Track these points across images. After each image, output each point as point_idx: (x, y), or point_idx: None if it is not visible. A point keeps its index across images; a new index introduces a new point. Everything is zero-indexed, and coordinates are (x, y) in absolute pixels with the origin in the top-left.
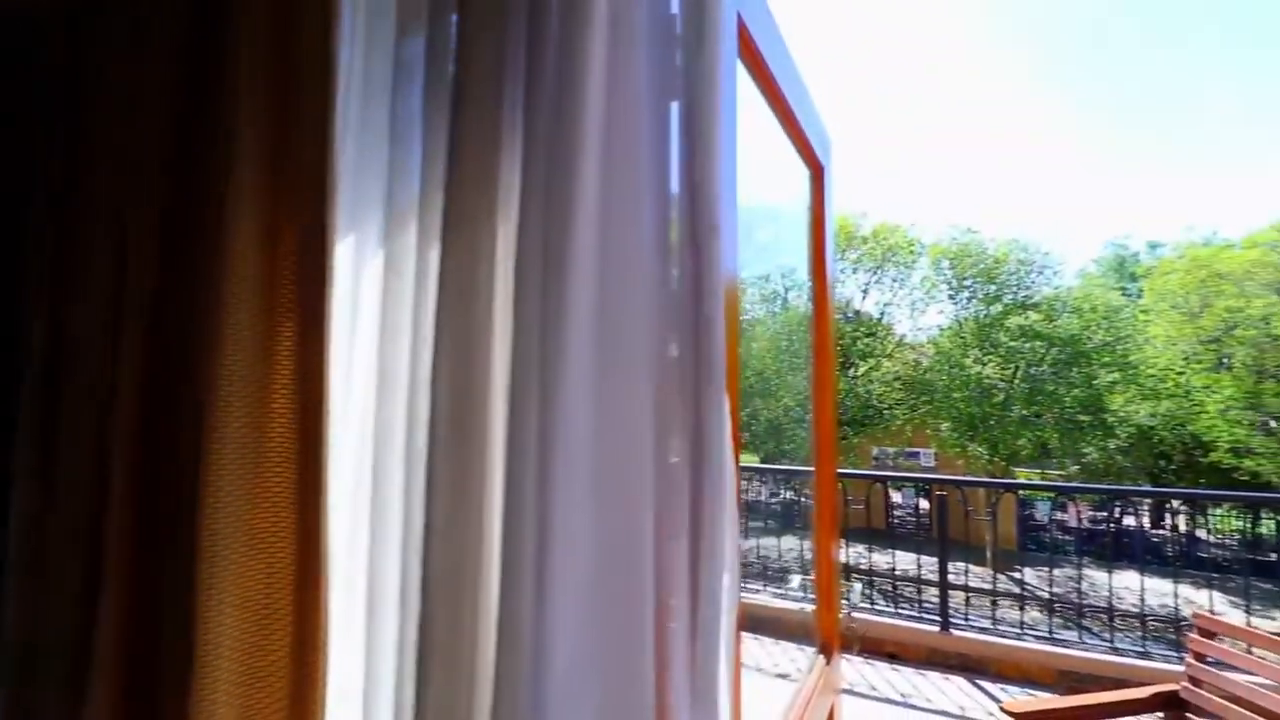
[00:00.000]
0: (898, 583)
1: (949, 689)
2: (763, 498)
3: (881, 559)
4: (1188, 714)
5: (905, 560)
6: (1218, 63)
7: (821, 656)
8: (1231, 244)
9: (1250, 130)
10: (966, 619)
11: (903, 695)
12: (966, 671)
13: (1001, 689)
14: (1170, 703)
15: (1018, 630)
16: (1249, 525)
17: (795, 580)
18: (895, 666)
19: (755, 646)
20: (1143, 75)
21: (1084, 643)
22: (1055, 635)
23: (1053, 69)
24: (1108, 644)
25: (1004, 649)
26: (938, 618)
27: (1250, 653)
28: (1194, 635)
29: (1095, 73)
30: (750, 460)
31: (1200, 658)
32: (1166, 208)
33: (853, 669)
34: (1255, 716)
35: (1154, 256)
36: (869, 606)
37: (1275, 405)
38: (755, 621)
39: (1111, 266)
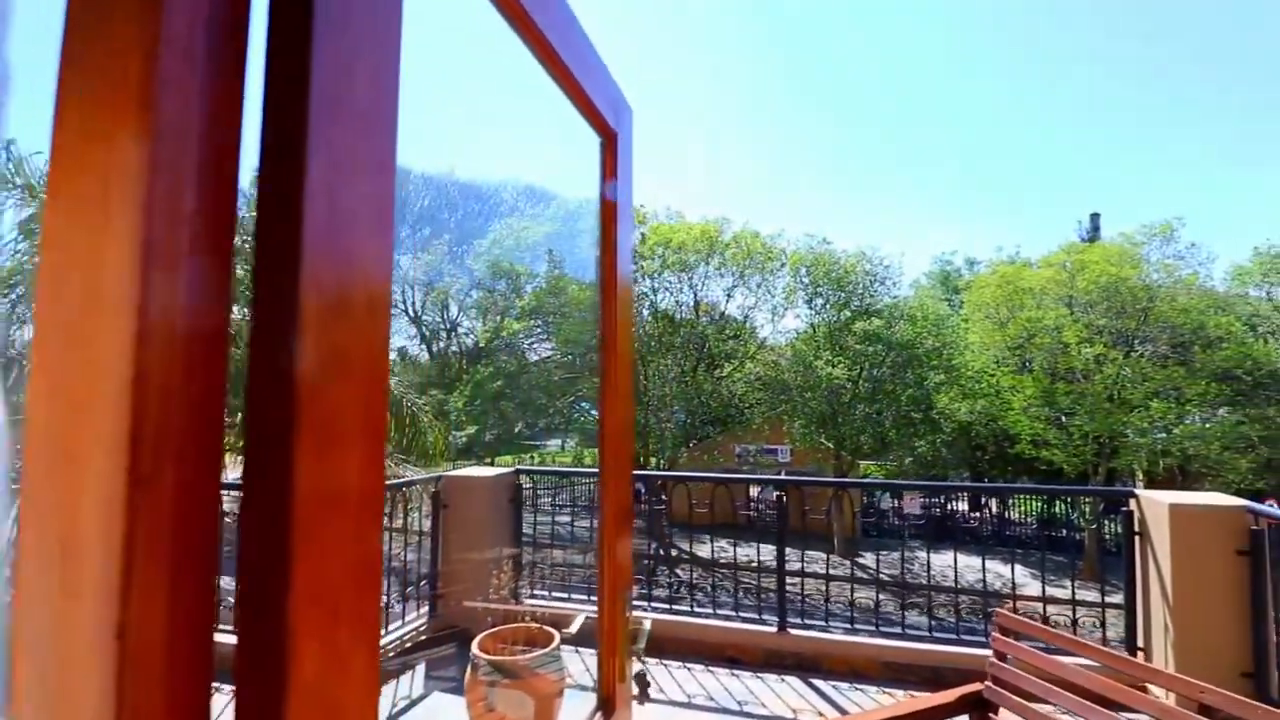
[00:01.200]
0: (742, 574)
1: (784, 690)
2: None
3: (741, 553)
4: (991, 714)
5: (762, 552)
6: (1024, 111)
7: (600, 713)
8: (1031, 263)
9: (1047, 163)
10: (804, 615)
11: (740, 703)
12: (801, 671)
13: (833, 686)
14: (976, 703)
15: (848, 625)
16: (1045, 508)
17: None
18: (734, 672)
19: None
20: (969, 114)
21: (906, 633)
22: (882, 628)
23: (901, 108)
24: (928, 634)
25: (835, 645)
26: (776, 617)
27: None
28: (995, 634)
29: (930, 110)
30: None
31: (1002, 656)
32: (983, 229)
33: (693, 678)
34: (1053, 715)
35: (972, 272)
36: (711, 611)
37: (1065, 403)
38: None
39: (939, 280)
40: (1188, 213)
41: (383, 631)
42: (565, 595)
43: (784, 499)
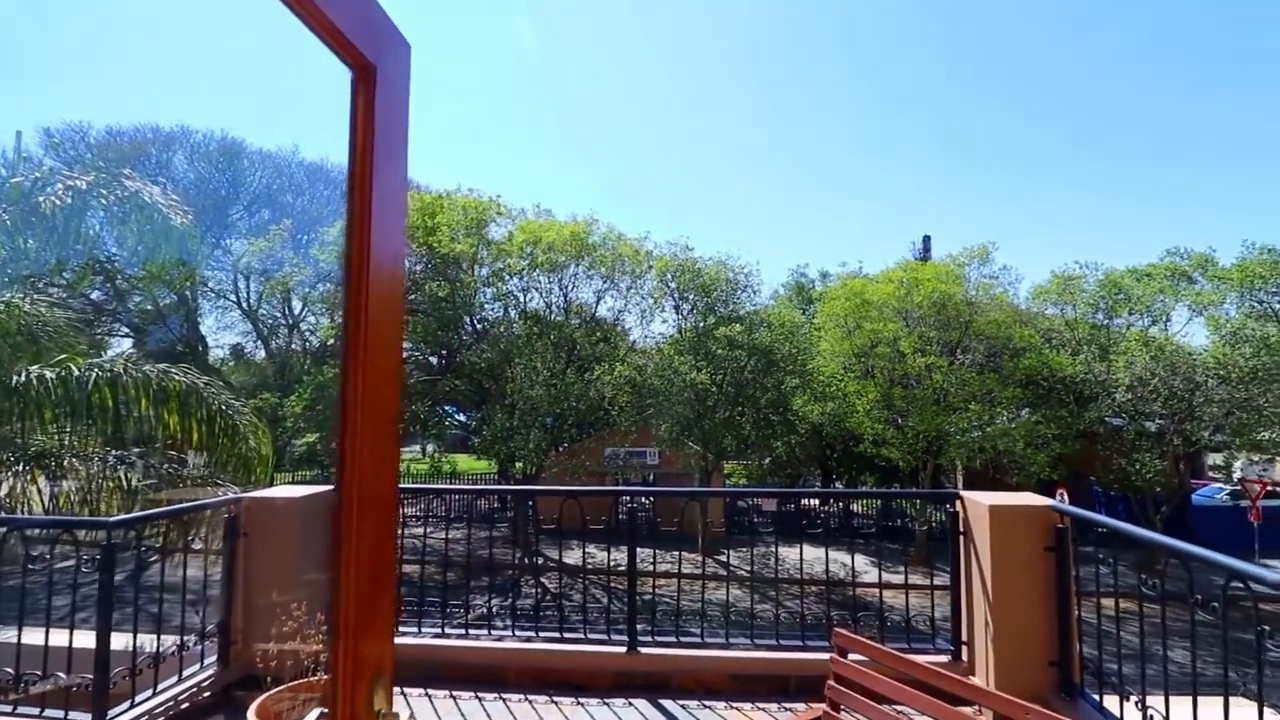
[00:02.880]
0: (606, 579)
1: (632, 716)
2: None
3: (607, 557)
4: None
5: (619, 555)
6: (872, 133)
7: None
8: (874, 278)
9: (890, 182)
10: (657, 623)
11: None
12: (651, 691)
13: (681, 706)
14: None
15: (699, 638)
16: (884, 502)
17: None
18: (580, 700)
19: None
20: (820, 132)
21: (756, 643)
22: (732, 638)
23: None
24: (775, 642)
25: (685, 660)
26: (625, 636)
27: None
28: (834, 655)
29: (789, 125)
30: (481, 466)
31: (840, 679)
32: (833, 243)
33: (533, 711)
34: None
35: (824, 284)
36: (559, 635)
37: (901, 406)
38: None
39: (795, 290)
40: (999, 237)
41: (150, 691)
42: (414, 628)
43: (634, 516)
